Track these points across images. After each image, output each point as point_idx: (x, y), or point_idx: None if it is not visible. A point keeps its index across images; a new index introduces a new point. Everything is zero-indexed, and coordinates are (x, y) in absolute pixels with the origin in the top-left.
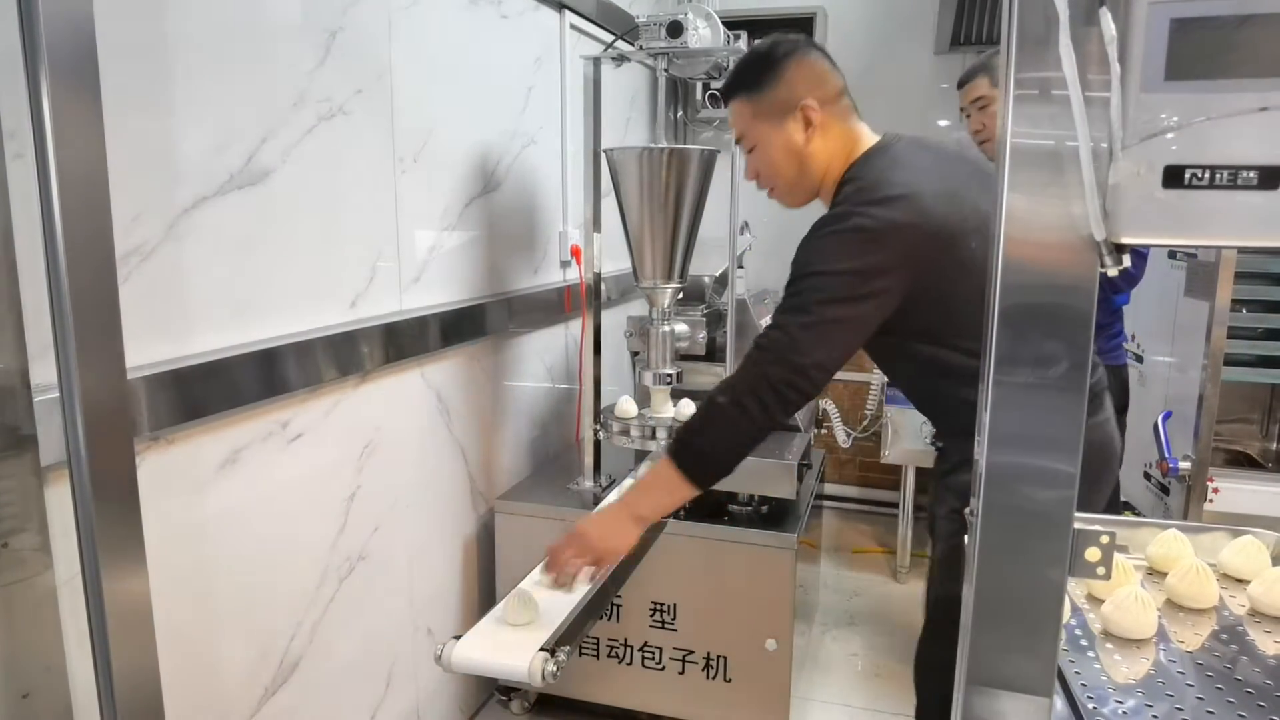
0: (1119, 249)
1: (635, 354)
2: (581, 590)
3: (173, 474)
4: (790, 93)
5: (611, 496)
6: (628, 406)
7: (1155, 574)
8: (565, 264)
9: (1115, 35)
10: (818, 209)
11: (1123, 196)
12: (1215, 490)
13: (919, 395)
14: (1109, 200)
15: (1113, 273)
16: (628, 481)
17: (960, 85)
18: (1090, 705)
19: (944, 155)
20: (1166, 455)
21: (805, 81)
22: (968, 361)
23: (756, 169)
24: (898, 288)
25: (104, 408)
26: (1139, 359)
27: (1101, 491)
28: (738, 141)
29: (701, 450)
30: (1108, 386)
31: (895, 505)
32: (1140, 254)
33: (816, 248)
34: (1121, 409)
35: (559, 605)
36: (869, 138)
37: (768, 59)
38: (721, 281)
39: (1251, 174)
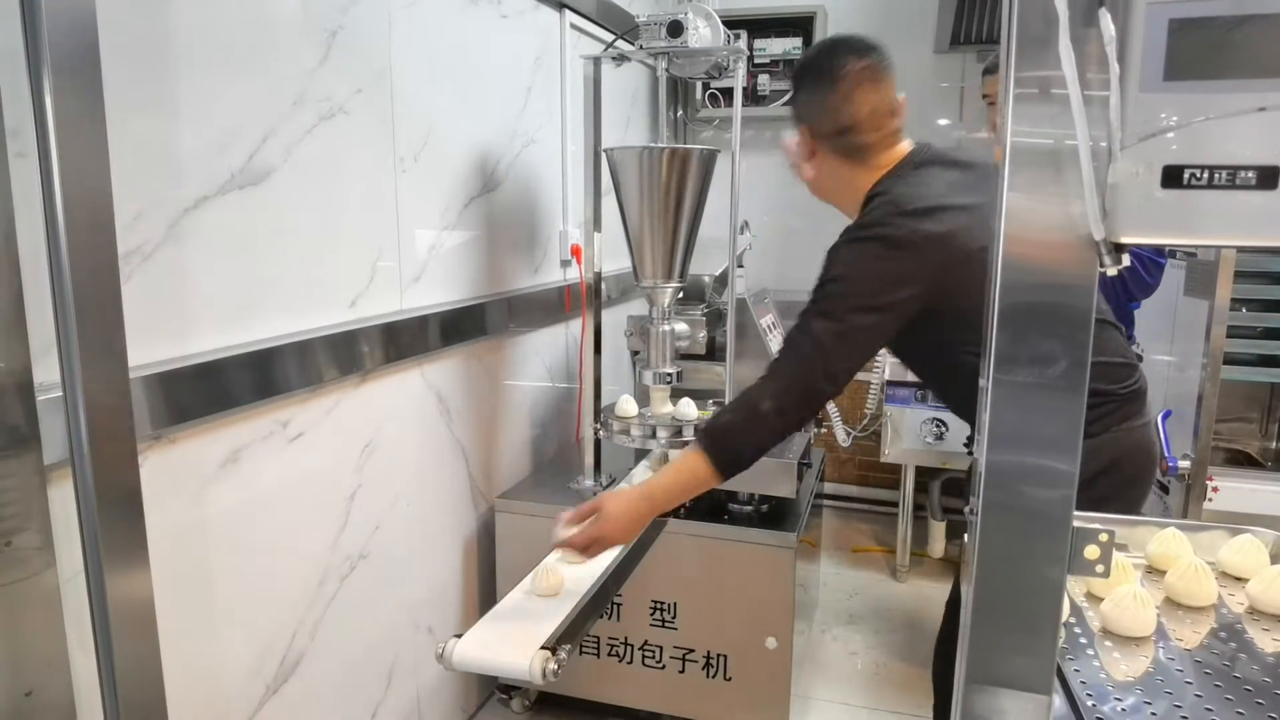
0: (1118, 248)
1: (635, 353)
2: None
3: (174, 473)
4: (801, 116)
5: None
6: (628, 406)
7: (1154, 572)
8: (565, 263)
9: (1114, 36)
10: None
11: (1122, 196)
12: (1214, 489)
13: (951, 397)
14: (1108, 200)
15: (1111, 272)
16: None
17: (985, 74)
18: (1089, 703)
19: (972, 170)
20: (1166, 454)
21: (809, 112)
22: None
23: (803, 172)
24: (917, 298)
25: (106, 407)
26: (1139, 358)
27: (1144, 491)
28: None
29: (737, 450)
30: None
31: (895, 504)
32: (1158, 263)
33: (845, 255)
34: None
35: (584, 578)
36: (901, 150)
37: (796, 85)
38: (721, 281)
39: (1250, 174)
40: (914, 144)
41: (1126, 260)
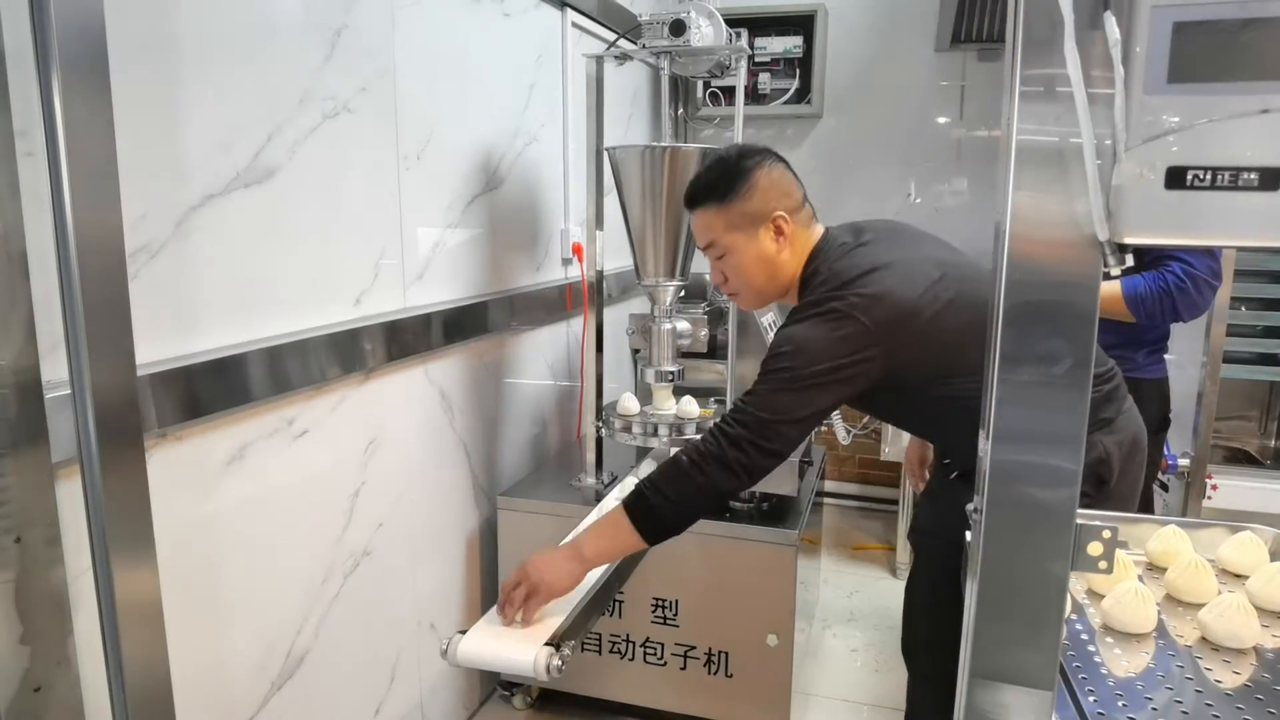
0: (1121, 248)
1: (637, 351)
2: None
3: (181, 470)
4: (763, 204)
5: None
6: (629, 404)
7: (1155, 569)
8: (567, 261)
9: (1119, 38)
10: None
11: (1126, 197)
12: (1214, 487)
13: (936, 434)
14: (1112, 200)
15: (1115, 272)
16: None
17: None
18: (1090, 699)
19: (877, 231)
20: (1166, 452)
21: (775, 192)
22: (972, 390)
23: (724, 275)
24: (876, 360)
25: (114, 404)
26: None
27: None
28: (704, 249)
29: (653, 505)
30: (1129, 394)
31: (895, 502)
32: (1212, 285)
33: (794, 333)
34: (1163, 426)
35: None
36: (817, 232)
37: (738, 170)
38: None
39: (1252, 175)
40: (825, 227)
41: (1129, 260)
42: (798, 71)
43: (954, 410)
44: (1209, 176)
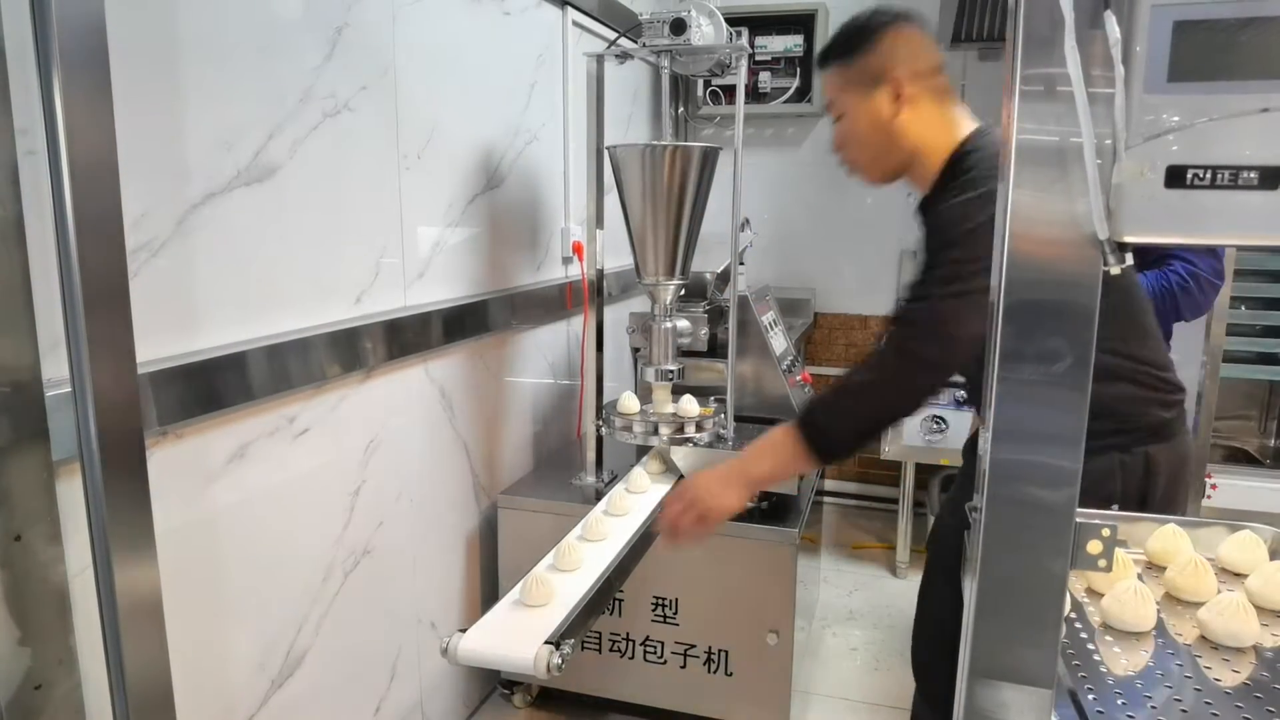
0: (1121, 247)
1: (637, 350)
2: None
3: (182, 468)
4: (881, 63)
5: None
6: (629, 402)
7: (1154, 568)
8: (567, 260)
9: (1119, 37)
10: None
11: (1126, 196)
12: (1214, 486)
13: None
14: (1112, 199)
15: (1115, 271)
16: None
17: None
18: (1090, 697)
19: None
20: None
21: (899, 53)
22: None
23: (842, 139)
24: None
25: (115, 402)
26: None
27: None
28: (827, 109)
29: (827, 426)
30: None
31: (895, 501)
32: (1214, 284)
33: (956, 215)
34: None
35: (571, 588)
36: (970, 121)
37: (864, 28)
38: (723, 278)
39: (1252, 174)
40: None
41: (1129, 258)
42: (798, 70)
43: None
44: (1209, 175)
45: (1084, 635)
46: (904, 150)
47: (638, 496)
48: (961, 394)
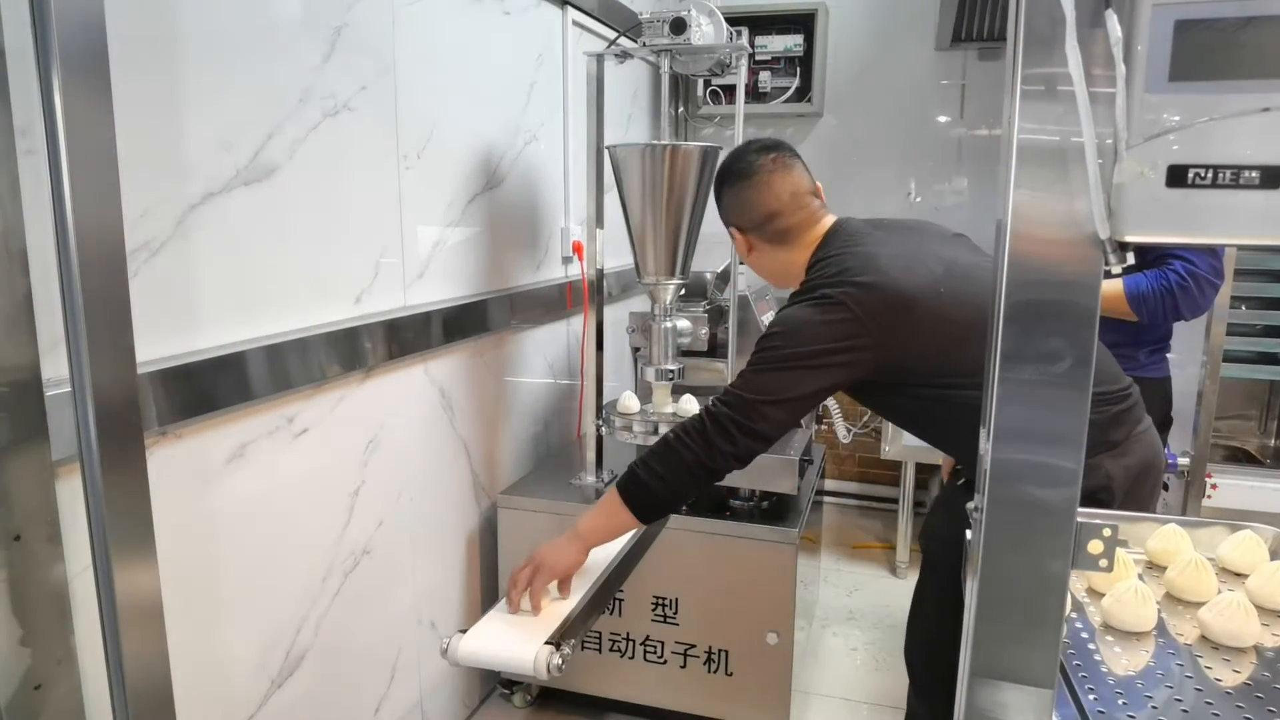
0: (1122, 247)
1: (637, 350)
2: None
3: (182, 468)
4: (725, 216)
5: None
6: (630, 402)
7: (1155, 568)
8: (567, 260)
9: (1120, 37)
10: None
11: (1127, 195)
12: (1214, 486)
13: (937, 436)
14: (1113, 199)
15: (1116, 270)
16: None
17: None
18: (1090, 697)
19: (893, 226)
20: (1166, 451)
21: (732, 209)
22: (973, 395)
23: (751, 264)
24: (867, 350)
25: (114, 402)
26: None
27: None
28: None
29: (644, 482)
30: (1142, 399)
31: (895, 501)
32: (1213, 283)
33: (784, 316)
34: (1165, 425)
35: (594, 562)
36: (826, 224)
37: (718, 195)
38: (723, 278)
39: (1253, 174)
40: (836, 218)
41: (1131, 258)
42: (798, 70)
43: (955, 413)
44: (1210, 175)
45: (1085, 635)
46: (778, 273)
47: None
48: None
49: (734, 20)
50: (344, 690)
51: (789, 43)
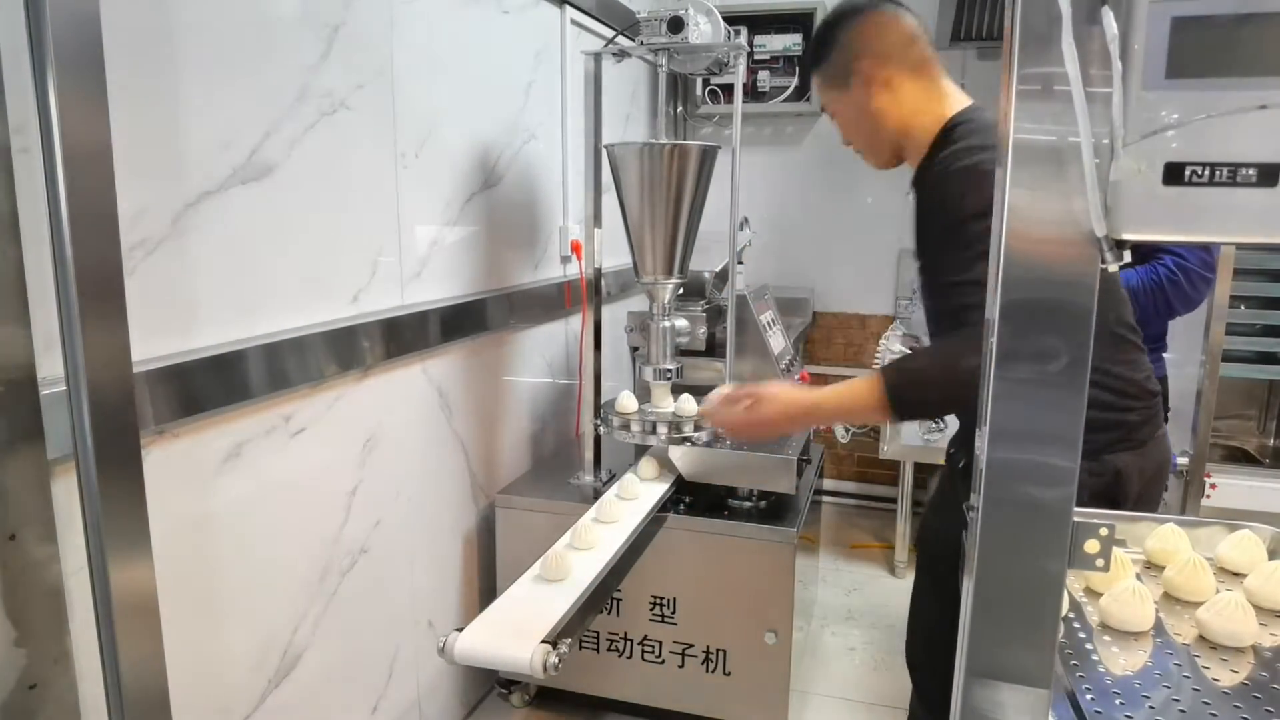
0: (1119, 244)
1: (635, 349)
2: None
3: (177, 467)
4: (846, 57)
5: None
6: (628, 401)
7: (1153, 568)
8: (565, 259)
9: (1117, 34)
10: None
11: (1123, 193)
12: (1213, 486)
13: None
14: (1110, 196)
15: (1113, 268)
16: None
17: None
18: (1087, 697)
19: None
20: None
21: (859, 43)
22: None
23: (843, 133)
24: None
25: (110, 401)
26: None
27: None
28: (823, 111)
29: (922, 400)
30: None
31: (893, 501)
32: (1205, 277)
33: (965, 183)
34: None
35: (588, 566)
36: (962, 98)
37: (826, 28)
38: (722, 277)
39: (1251, 171)
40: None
41: (1127, 256)
42: (797, 69)
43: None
44: (1207, 172)
45: (1082, 635)
46: (891, 131)
47: (629, 503)
48: None
49: (732, 19)
50: (341, 689)
51: (787, 42)
